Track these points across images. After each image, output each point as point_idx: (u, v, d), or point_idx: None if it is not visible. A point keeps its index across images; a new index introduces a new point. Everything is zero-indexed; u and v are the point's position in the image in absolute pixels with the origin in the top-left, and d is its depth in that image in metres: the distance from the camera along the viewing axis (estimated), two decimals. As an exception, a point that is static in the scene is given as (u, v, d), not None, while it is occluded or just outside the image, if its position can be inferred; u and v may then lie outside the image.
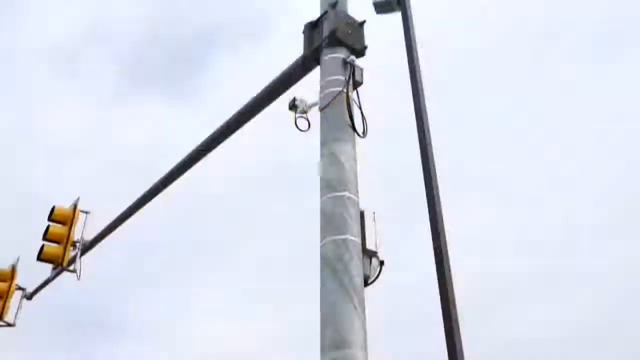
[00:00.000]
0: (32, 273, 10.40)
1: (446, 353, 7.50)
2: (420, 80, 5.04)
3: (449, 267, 7.07)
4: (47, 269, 9.53)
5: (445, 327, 7.70)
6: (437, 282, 7.39)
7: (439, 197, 6.55)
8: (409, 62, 5.13)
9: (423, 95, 5.01)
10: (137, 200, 8.31)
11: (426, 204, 6.57)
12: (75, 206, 9.10)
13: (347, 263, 4.01)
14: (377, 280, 4.54)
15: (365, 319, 3.90)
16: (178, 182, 7.78)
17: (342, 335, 3.70)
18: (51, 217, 8.85)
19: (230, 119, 6.55)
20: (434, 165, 4.95)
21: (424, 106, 4.96)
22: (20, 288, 10.27)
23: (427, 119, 4.91)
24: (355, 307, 3.83)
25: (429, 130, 4.82)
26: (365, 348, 3.77)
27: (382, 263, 4.57)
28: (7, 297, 9.65)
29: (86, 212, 9.23)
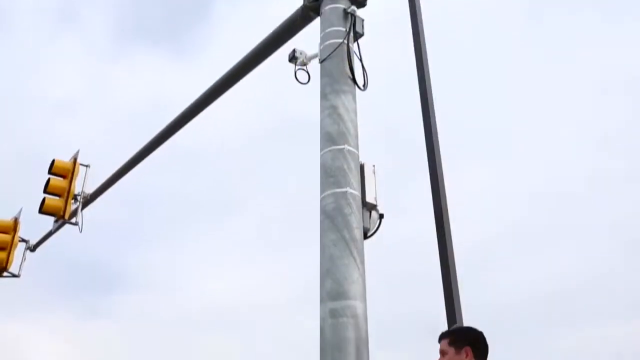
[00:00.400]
0: (34, 226, 10.52)
1: (445, 313, 7.63)
2: (422, 27, 4.98)
3: (448, 222, 7.13)
4: (49, 221, 9.64)
5: (444, 285, 7.81)
6: (436, 241, 7.46)
7: (438, 149, 6.52)
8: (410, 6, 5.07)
9: (424, 41, 4.96)
10: (136, 154, 8.31)
11: (426, 157, 6.56)
12: (75, 159, 9.11)
13: (346, 216, 4.03)
14: (376, 233, 4.58)
15: (364, 271, 3.95)
16: (178, 137, 7.76)
17: (342, 287, 3.76)
18: (51, 170, 8.88)
19: (229, 71, 6.47)
20: (433, 114, 4.93)
21: (425, 52, 4.92)
22: (23, 240, 10.40)
23: (427, 64, 4.87)
24: (354, 259, 3.87)
25: (429, 76, 4.79)
26: (364, 299, 3.83)
27: (381, 216, 4.60)
28: (10, 249, 9.77)
29: (86, 166, 9.26)
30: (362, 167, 4.51)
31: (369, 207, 4.46)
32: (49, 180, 8.77)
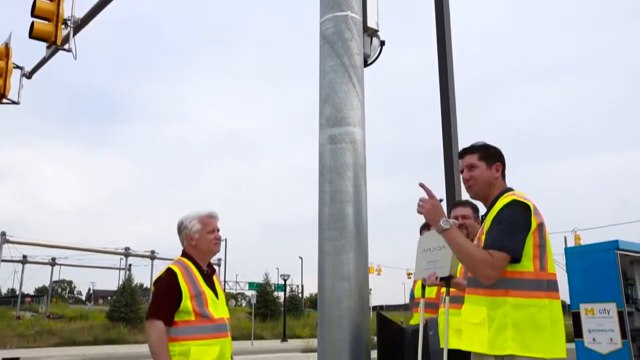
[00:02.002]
0: (29, 54, 10.32)
1: (442, 143, 7.77)
2: None
3: (450, 47, 6.96)
4: (43, 49, 9.41)
5: (442, 114, 7.87)
6: (437, 64, 7.35)
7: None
8: None
9: None
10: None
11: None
12: (59, -21, 8.59)
13: (347, 41, 3.89)
14: (377, 61, 4.47)
15: (364, 98, 3.92)
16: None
17: (341, 113, 3.75)
18: (36, -8, 8.42)
19: None
20: None
21: None
22: (18, 67, 10.22)
23: None
24: (354, 86, 3.82)
25: None
26: (363, 126, 3.85)
27: (382, 43, 4.45)
28: (6, 75, 9.64)
29: (73, -14, 8.78)
30: (364, -12, 4.24)
31: (370, 33, 4.29)
32: (35, 2, 8.37)
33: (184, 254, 3.19)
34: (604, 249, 8.36)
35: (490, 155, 2.92)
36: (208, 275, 3.17)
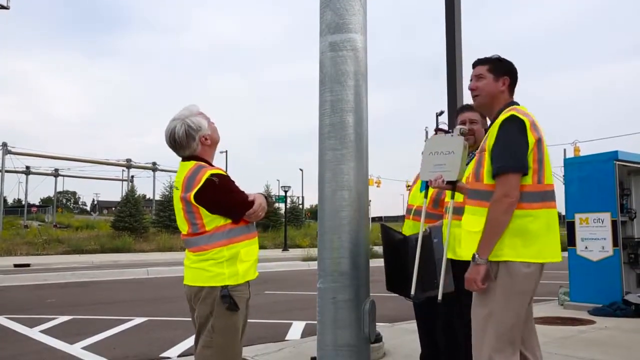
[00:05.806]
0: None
1: (445, 56, 7.57)
2: None
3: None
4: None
5: (447, 23, 7.61)
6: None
7: None
8: None
9: None
10: None
11: None
12: None
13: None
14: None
15: (365, 2, 3.77)
16: None
17: (342, 19, 3.61)
18: None
19: None
20: None
21: None
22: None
23: None
24: (356, -12, 3.65)
25: None
26: (365, 32, 3.73)
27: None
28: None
29: None
30: None
31: None
32: None
33: (197, 158, 2.89)
34: (603, 160, 8.40)
35: (500, 68, 2.95)
36: None
